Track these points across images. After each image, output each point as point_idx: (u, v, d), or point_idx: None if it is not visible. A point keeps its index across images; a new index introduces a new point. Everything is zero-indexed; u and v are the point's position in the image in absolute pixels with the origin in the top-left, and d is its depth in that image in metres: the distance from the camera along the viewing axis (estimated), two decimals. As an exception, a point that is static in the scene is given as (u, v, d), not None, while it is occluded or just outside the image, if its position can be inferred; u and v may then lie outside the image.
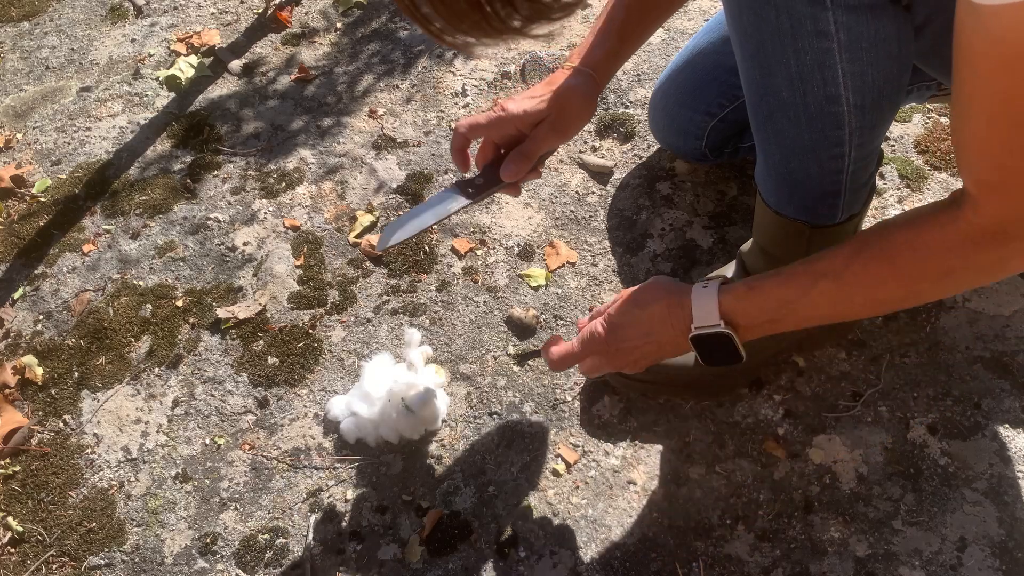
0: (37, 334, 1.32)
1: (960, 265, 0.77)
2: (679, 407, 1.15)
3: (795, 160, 0.94)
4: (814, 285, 0.84)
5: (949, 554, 1.01)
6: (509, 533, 1.07)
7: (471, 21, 0.52)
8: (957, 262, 0.77)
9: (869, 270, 0.82)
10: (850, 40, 0.80)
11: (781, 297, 0.86)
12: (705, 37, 1.22)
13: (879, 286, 0.82)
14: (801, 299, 0.85)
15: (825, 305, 0.85)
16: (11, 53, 1.74)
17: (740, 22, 0.86)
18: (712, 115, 1.23)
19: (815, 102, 0.86)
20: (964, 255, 0.76)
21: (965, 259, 0.76)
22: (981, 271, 0.78)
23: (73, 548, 1.11)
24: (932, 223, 0.77)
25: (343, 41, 1.67)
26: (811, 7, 0.78)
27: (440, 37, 0.54)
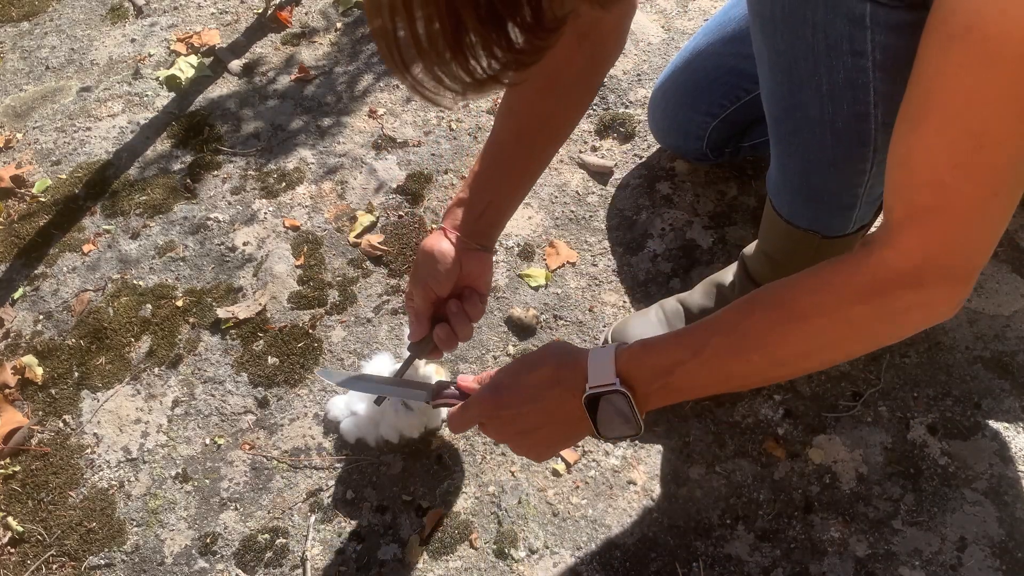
0: (37, 334, 1.32)
1: (868, 313, 0.69)
2: (679, 407, 1.15)
3: (816, 175, 0.92)
4: (707, 342, 0.77)
5: (949, 554, 1.01)
6: (509, 533, 1.07)
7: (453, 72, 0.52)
8: (864, 309, 0.69)
9: (765, 321, 0.75)
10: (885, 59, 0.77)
11: (674, 355, 0.78)
12: (705, 38, 1.22)
13: (777, 341, 0.74)
14: (694, 358, 0.77)
15: (720, 365, 0.77)
16: (11, 53, 1.74)
17: (772, 39, 0.83)
18: (714, 116, 1.23)
19: (844, 119, 0.84)
20: (872, 300, 0.68)
21: (873, 305, 0.69)
22: (892, 321, 0.70)
23: (73, 548, 1.11)
24: (839, 266, 0.71)
25: (343, 41, 1.67)
26: (850, 27, 0.76)
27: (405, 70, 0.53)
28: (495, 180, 0.97)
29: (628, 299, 1.26)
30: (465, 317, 0.97)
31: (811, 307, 0.72)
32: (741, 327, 0.76)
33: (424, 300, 0.96)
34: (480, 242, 0.97)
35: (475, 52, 0.51)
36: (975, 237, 0.65)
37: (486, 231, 0.98)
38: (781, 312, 0.74)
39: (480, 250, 0.97)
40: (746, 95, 1.20)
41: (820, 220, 0.99)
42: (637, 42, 1.58)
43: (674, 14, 1.62)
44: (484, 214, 0.96)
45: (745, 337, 0.75)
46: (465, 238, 0.95)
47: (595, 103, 1.50)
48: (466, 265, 0.95)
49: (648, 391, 0.79)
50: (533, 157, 0.99)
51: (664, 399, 0.80)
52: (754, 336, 0.75)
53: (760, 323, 0.75)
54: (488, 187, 0.96)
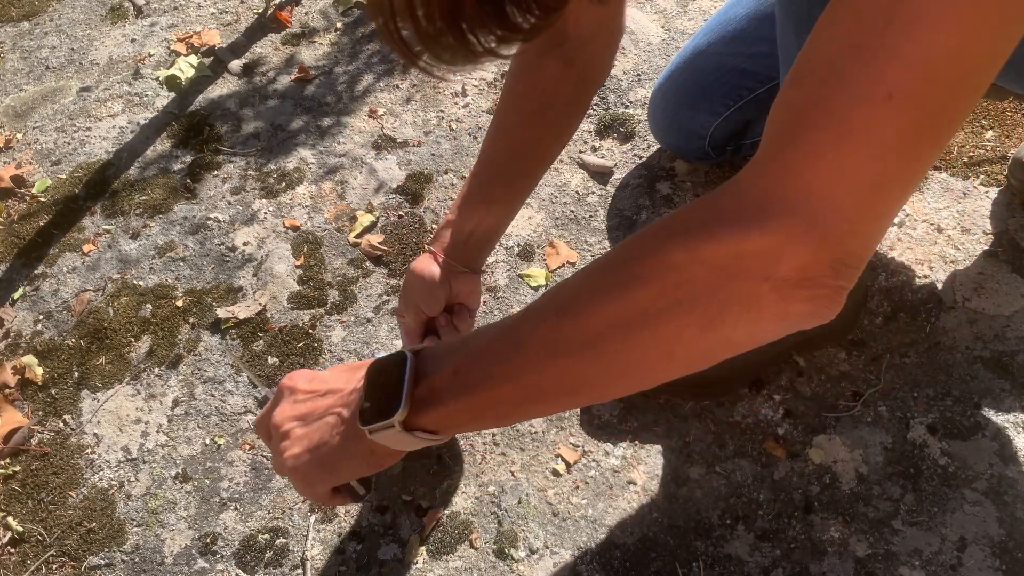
0: (37, 334, 1.32)
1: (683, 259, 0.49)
2: (679, 407, 1.15)
3: None
4: (511, 316, 0.63)
5: (949, 554, 1.01)
6: (509, 533, 1.07)
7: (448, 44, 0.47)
8: (679, 253, 0.49)
9: (569, 283, 0.56)
10: None
11: (475, 332, 0.63)
12: (706, 37, 1.22)
13: (575, 307, 0.54)
14: (486, 335, 0.59)
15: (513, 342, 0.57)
16: (11, 53, 1.74)
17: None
18: (716, 115, 1.23)
19: None
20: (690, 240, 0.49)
21: (689, 249, 0.48)
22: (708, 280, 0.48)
23: (73, 548, 1.11)
24: (686, 205, 0.53)
25: (343, 41, 1.67)
26: None
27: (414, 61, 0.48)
28: (484, 204, 0.97)
29: (628, 299, 1.26)
30: (454, 332, 0.99)
31: (630, 253, 0.53)
32: (557, 288, 0.57)
33: (416, 320, 0.99)
34: (468, 265, 0.98)
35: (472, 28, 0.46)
36: (850, 160, 0.44)
37: (473, 254, 0.99)
38: (600, 262, 0.55)
39: (468, 272, 0.99)
40: (749, 94, 1.20)
41: None
42: (637, 42, 1.58)
43: (674, 14, 1.62)
44: (472, 237, 0.98)
45: (553, 297, 0.57)
46: (453, 261, 0.97)
47: (595, 103, 1.50)
48: (455, 286, 0.98)
49: (438, 374, 0.60)
50: (521, 180, 1.00)
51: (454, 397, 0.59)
52: (565, 294, 0.56)
53: (576, 278, 0.56)
54: (477, 210, 0.97)
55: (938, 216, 1.28)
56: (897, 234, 1.27)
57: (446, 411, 0.59)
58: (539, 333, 0.56)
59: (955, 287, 1.21)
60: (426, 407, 0.60)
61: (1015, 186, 1.27)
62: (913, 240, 1.26)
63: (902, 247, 1.25)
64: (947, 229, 1.27)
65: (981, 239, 1.25)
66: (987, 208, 1.29)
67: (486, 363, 0.58)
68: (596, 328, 0.52)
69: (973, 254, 1.24)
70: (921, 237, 1.26)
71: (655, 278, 0.50)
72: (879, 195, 0.46)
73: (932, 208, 1.29)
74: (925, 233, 1.27)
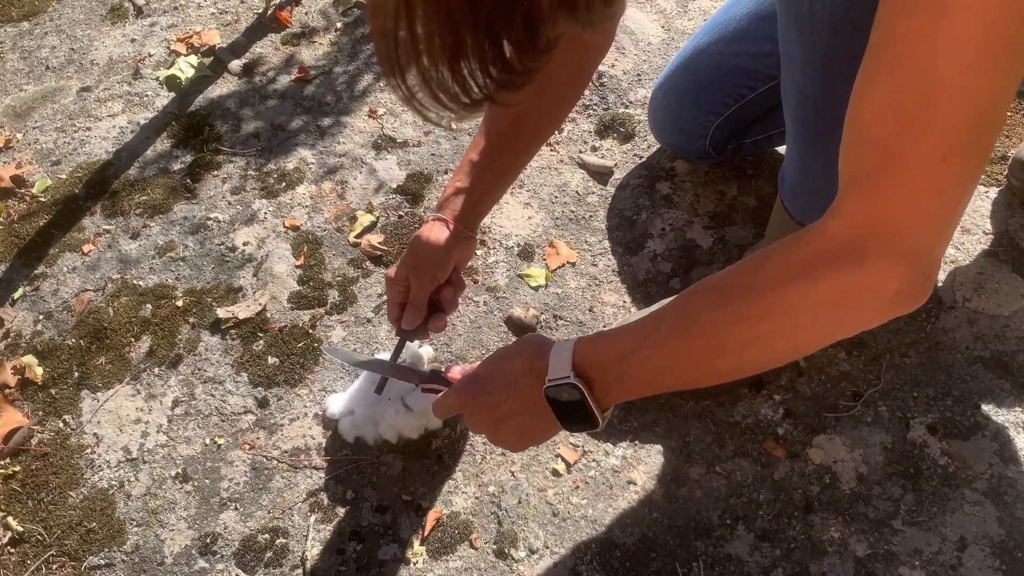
0: (37, 334, 1.32)
1: (806, 294, 0.62)
2: (679, 407, 1.15)
3: None
4: (658, 327, 0.73)
5: (949, 554, 1.01)
6: (509, 533, 1.07)
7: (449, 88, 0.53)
8: (802, 288, 0.62)
9: (706, 301, 0.70)
10: None
11: (628, 342, 0.75)
12: (707, 37, 1.22)
13: (716, 323, 0.68)
14: (645, 343, 0.73)
15: (669, 352, 0.72)
16: (11, 53, 1.74)
17: (809, 39, 0.81)
18: (717, 114, 1.23)
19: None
20: (811, 276, 0.61)
21: (812, 282, 0.61)
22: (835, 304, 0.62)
23: (73, 548, 1.11)
24: (784, 242, 0.65)
25: (343, 41, 1.67)
26: None
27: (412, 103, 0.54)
28: (491, 170, 1.00)
29: (628, 299, 1.26)
30: (454, 293, 1.03)
31: (750, 287, 0.66)
32: (686, 309, 0.72)
33: (425, 290, 1.00)
34: (471, 228, 1.02)
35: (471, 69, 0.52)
36: (923, 207, 0.58)
37: (477, 219, 1.02)
38: (722, 293, 0.68)
39: (471, 236, 1.02)
40: (750, 93, 1.20)
41: None
42: (637, 42, 1.58)
43: (674, 14, 1.62)
44: (478, 203, 1.01)
45: (688, 320, 0.71)
46: (462, 227, 0.99)
47: (595, 103, 1.50)
48: (459, 251, 1.00)
49: (605, 381, 0.76)
50: (525, 149, 1.04)
51: (624, 390, 0.77)
52: (697, 318, 0.70)
53: (702, 304, 0.70)
54: (485, 177, 1.00)
55: (938, 216, 1.28)
56: (897, 234, 1.27)
57: (616, 399, 0.79)
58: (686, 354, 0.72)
59: (955, 287, 1.21)
60: (602, 400, 0.78)
61: (1015, 186, 1.27)
62: (913, 240, 1.26)
63: (902, 247, 1.25)
64: (947, 229, 1.27)
65: (981, 239, 1.25)
66: (987, 208, 1.29)
67: (643, 375, 0.75)
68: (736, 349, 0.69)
69: (973, 254, 1.24)
70: (921, 237, 1.26)
71: (776, 312, 0.64)
72: (948, 224, 0.60)
73: (932, 208, 1.29)
74: (925, 233, 1.27)
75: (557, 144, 1.45)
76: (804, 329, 0.65)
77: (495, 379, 0.84)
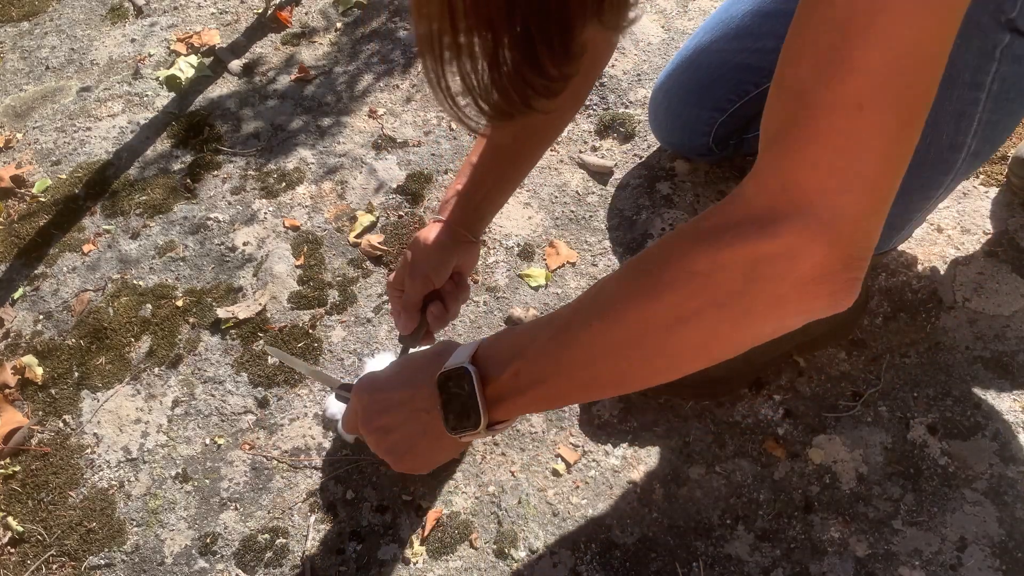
0: (37, 334, 1.32)
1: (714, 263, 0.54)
2: (679, 407, 1.15)
3: None
4: (561, 313, 0.67)
5: (949, 554, 1.01)
6: (509, 533, 1.07)
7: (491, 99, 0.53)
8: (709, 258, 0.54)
9: (616, 280, 0.63)
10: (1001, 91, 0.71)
11: (531, 331, 0.68)
12: (708, 35, 1.22)
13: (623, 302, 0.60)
14: (548, 327, 0.66)
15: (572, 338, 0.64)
16: (11, 53, 1.74)
17: None
18: (721, 111, 1.23)
19: (938, 150, 0.78)
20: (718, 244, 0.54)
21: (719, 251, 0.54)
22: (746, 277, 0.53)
23: (73, 548, 1.11)
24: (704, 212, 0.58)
25: (343, 41, 1.67)
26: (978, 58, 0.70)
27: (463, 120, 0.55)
28: (493, 173, 0.99)
29: (628, 299, 1.26)
30: (456, 297, 1.01)
31: (657, 260, 0.59)
32: (596, 291, 0.65)
33: (419, 292, 0.98)
34: (474, 233, 1.00)
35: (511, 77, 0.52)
36: (839, 164, 0.50)
37: (479, 223, 1.01)
38: (632, 268, 0.62)
39: (473, 241, 1.00)
40: (755, 89, 1.20)
41: None
42: (637, 42, 1.58)
43: (674, 14, 1.62)
44: (480, 206, 1.00)
45: (595, 301, 0.64)
46: (463, 231, 0.98)
47: (595, 103, 1.50)
48: (460, 256, 0.99)
49: (501, 378, 0.68)
50: (530, 152, 1.03)
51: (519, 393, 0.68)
52: (604, 298, 0.63)
53: (612, 283, 0.63)
54: (486, 180, 0.99)
55: (938, 216, 1.28)
56: (897, 234, 1.27)
57: (512, 405, 0.69)
58: (584, 336, 0.63)
59: (955, 287, 1.21)
60: (495, 405, 0.70)
61: (1015, 184, 1.27)
62: (913, 240, 1.26)
63: (902, 247, 1.25)
64: (947, 229, 1.27)
65: (981, 239, 1.25)
66: (987, 208, 1.29)
67: (541, 364, 0.66)
68: (637, 330, 0.60)
69: (973, 254, 1.24)
70: (921, 237, 1.26)
71: (682, 283, 0.56)
72: (873, 191, 0.52)
73: (932, 208, 1.29)
74: (925, 233, 1.27)
75: (557, 144, 1.45)
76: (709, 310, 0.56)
77: (395, 376, 0.79)
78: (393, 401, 0.77)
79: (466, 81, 0.52)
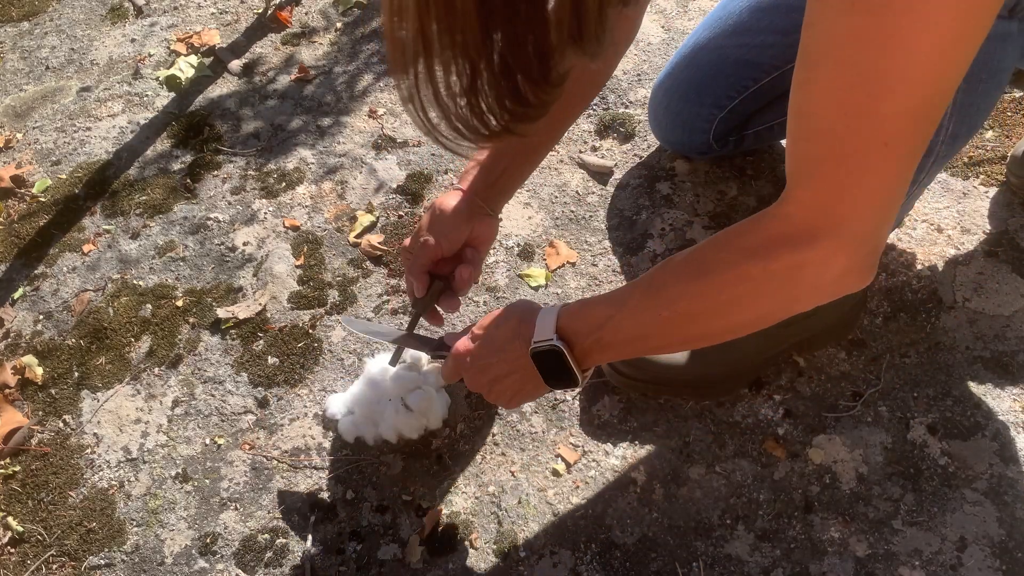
0: (37, 334, 1.32)
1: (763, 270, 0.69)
2: (679, 407, 1.15)
3: None
4: (630, 296, 0.81)
5: (949, 554, 1.01)
6: (509, 533, 1.07)
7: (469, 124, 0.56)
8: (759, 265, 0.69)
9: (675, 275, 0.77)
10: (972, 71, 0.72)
11: (604, 311, 0.82)
12: (706, 32, 1.22)
13: (684, 294, 0.76)
14: (619, 312, 0.81)
15: (640, 319, 0.80)
16: (11, 53, 1.74)
17: None
18: (721, 107, 1.23)
19: None
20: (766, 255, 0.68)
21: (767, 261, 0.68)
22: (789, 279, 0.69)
23: (73, 548, 1.11)
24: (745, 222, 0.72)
25: (343, 41, 1.67)
26: None
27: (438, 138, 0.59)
28: (513, 148, 1.00)
29: (628, 299, 1.26)
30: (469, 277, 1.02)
31: (714, 263, 0.74)
32: (656, 281, 0.79)
33: (427, 256, 1.00)
34: (491, 207, 1.01)
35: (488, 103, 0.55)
36: (868, 192, 0.63)
37: (497, 197, 1.02)
38: (689, 267, 0.76)
39: (489, 215, 1.01)
40: (754, 84, 1.20)
41: None
42: (637, 42, 1.58)
43: (674, 14, 1.62)
44: (498, 180, 1.01)
45: (659, 291, 0.78)
46: (479, 201, 1.00)
47: (595, 103, 1.50)
48: (476, 227, 1.00)
49: (584, 346, 0.84)
50: (552, 130, 1.04)
51: (601, 353, 0.85)
52: (666, 290, 0.78)
53: (671, 277, 0.78)
54: (506, 154, 1.01)
55: (938, 216, 1.28)
56: (897, 234, 1.26)
57: (595, 361, 0.87)
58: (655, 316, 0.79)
59: (955, 287, 1.21)
60: (583, 361, 0.86)
61: (1014, 183, 1.27)
62: (913, 240, 1.26)
63: (902, 247, 1.25)
64: (947, 229, 1.27)
65: (981, 239, 1.25)
66: (987, 208, 1.29)
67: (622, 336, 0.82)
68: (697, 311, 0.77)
69: (973, 254, 1.24)
70: (921, 237, 1.26)
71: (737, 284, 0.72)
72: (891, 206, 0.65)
73: (932, 208, 1.29)
74: (925, 233, 1.27)
75: (557, 144, 1.45)
76: (765, 298, 0.72)
77: (486, 343, 0.92)
78: (492, 365, 0.91)
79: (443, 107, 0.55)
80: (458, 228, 0.99)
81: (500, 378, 0.92)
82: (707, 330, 0.79)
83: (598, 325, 0.83)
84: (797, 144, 0.66)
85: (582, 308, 0.85)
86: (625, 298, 0.82)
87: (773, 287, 0.70)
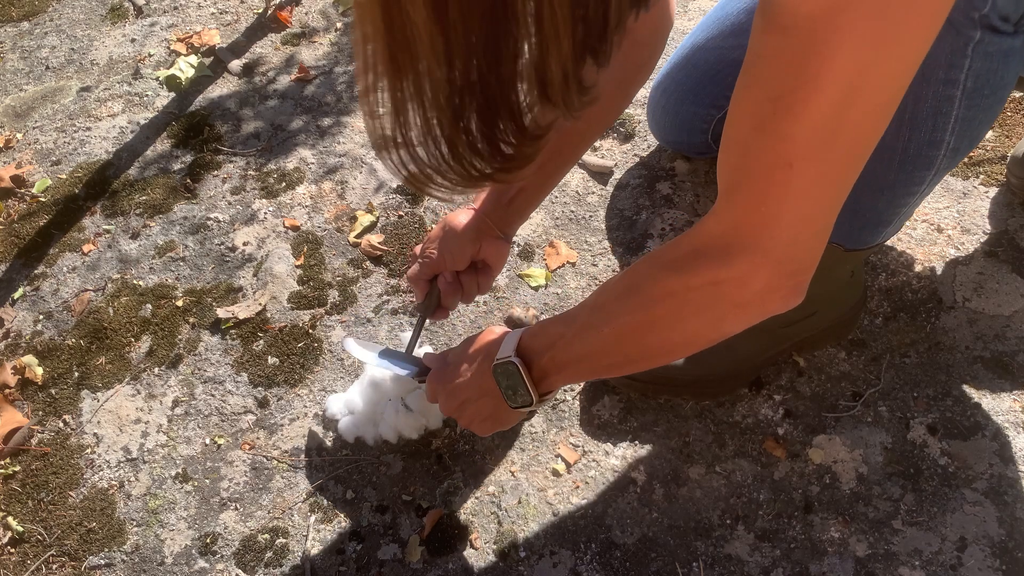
0: (37, 334, 1.32)
1: (683, 285, 0.68)
2: (679, 407, 1.15)
3: (866, 197, 0.89)
4: (579, 313, 0.81)
5: (949, 554, 1.01)
6: (509, 533, 1.07)
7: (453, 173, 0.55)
8: (680, 280, 0.68)
9: (612, 292, 0.77)
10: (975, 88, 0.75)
11: (558, 329, 0.82)
12: (704, 33, 1.23)
13: (619, 312, 0.75)
14: (568, 331, 0.81)
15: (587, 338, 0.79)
16: (11, 53, 1.74)
17: None
18: (719, 108, 1.23)
19: (917, 147, 0.82)
20: (685, 270, 0.67)
21: (687, 276, 0.67)
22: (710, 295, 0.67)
23: (73, 548, 1.11)
24: (677, 239, 0.71)
25: (343, 41, 1.67)
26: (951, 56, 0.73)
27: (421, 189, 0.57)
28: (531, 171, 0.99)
29: (628, 299, 1.26)
30: (475, 282, 1.02)
31: (643, 278, 0.74)
32: (600, 299, 0.80)
33: (428, 269, 1.01)
34: (503, 229, 1.01)
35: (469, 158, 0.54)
36: (778, 211, 0.61)
37: (511, 219, 1.02)
38: (623, 282, 0.76)
39: (500, 237, 1.01)
40: None
41: (851, 235, 0.97)
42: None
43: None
44: (512, 202, 1.00)
45: (600, 308, 0.78)
46: (490, 223, 0.99)
47: (595, 103, 1.50)
48: (484, 249, 1.00)
49: (540, 364, 0.84)
50: (569, 151, 1.03)
51: (558, 373, 0.84)
52: (606, 307, 0.78)
53: (610, 293, 0.78)
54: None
55: (938, 216, 1.28)
56: (897, 234, 1.26)
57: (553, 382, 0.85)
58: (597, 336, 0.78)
59: (955, 287, 1.21)
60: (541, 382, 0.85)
61: (1014, 183, 1.27)
62: (913, 240, 1.26)
63: (902, 247, 1.25)
64: (947, 229, 1.27)
65: (981, 239, 1.25)
66: (987, 208, 1.29)
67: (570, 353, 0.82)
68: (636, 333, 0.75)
69: (973, 254, 1.24)
70: (921, 237, 1.26)
71: (662, 300, 0.71)
72: (809, 223, 0.63)
73: (932, 208, 1.29)
74: (925, 233, 1.27)
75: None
76: (690, 316, 0.71)
77: (460, 364, 0.92)
78: (462, 388, 0.91)
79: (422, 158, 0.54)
80: (463, 247, 0.99)
81: (470, 401, 0.91)
82: (645, 349, 0.77)
83: (551, 343, 0.82)
84: (720, 155, 0.65)
85: (542, 326, 0.85)
86: (576, 316, 0.82)
87: (695, 304, 0.69)
